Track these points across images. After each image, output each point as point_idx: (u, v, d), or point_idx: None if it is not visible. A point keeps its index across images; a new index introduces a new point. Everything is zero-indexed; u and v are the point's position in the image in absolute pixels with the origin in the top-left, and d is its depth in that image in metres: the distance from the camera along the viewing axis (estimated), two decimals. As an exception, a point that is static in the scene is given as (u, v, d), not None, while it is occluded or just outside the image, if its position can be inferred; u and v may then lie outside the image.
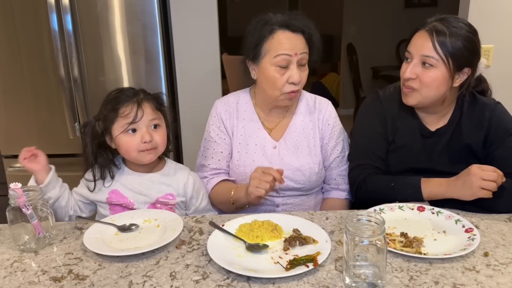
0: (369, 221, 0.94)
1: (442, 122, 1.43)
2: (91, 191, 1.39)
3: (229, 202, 1.46)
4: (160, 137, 1.35)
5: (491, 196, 1.21)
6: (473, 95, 1.44)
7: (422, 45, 1.32)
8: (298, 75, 1.41)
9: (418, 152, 1.42)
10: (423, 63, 1.32)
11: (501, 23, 2.41)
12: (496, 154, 1.37)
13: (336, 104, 5.76)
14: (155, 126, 1.34)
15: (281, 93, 1.44)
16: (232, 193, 1.45)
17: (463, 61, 1.32)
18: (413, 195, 1.33)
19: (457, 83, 1.36)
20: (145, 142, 1.31)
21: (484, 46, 2.38)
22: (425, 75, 1.32)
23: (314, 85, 6.14)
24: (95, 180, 1.38)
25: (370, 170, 1.44)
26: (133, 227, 1.24)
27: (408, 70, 1.33)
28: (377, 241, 0.92)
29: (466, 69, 1.34)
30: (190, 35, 2.43)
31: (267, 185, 1.30)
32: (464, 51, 1.30)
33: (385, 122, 1.46)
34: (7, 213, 1.16)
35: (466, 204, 1.28)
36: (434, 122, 1.43)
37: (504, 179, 1.22)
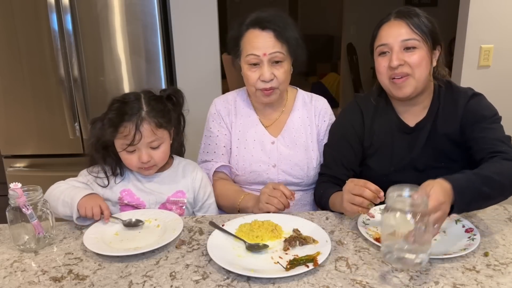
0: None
1: (421, 115, 1.41)
2: (105, 187, 1.37)
3: (235, 208, 1.46)
4: (159, 156, 1.33)
5: (363, 212, 1.17)
6: (449, 84, 1.43)
7: (399, 31, 1.31)
8: (268, 73, 1.42)
9: (400, 149, 1.40)
10: (406, 49, 1.31)
11: (501, 23, 2.41)
12: (475, 135, 1.33)
13: (336, 104, 5.81)
14: (155, 147, 1.32)
15: (256, 89, 1.47)
16: (240, 201, 1.45)
17: (435, 38, 1.34)
18: (327, 205, 1.37)
19: (434, 62, 1.37)
20: (143, 162, 1.31)
21: (484, 46, 2.43)
22: (411, 58, 1.31)
23: (314, 85, 6.15)
24: (108, 178, 1.37)
25: (325, 178, 1.48)
26: (139, 223, 1.25)
27: (394, 58, 1.31)
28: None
29: (438, 46, 1.37)
30: (190, 35, 2.43)
31: (275, 200, 1.30)
32: (433, 29, 1.33)
33: (362, 125, 1.45)
34: (7, 213, 1.16)
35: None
36: (413, 117, 1.42)
37: (382, 196, 1.13)
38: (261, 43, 1.42)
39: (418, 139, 1.40)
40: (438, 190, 1.04)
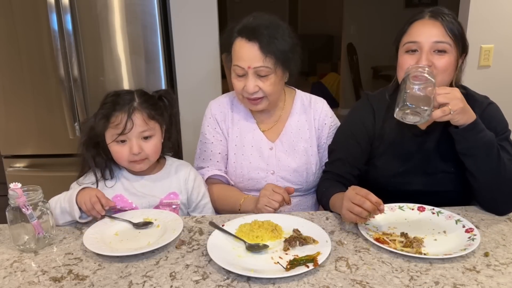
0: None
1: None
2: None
3: (236, 211, 1.45)
4: (151, 148, 1.32)
5: (360, 222, 1.17)
6: (464, 90, 1.40)
7: (432, 31, 1.27)
8: (252, 86, 1.38)
9: (410, 152, 1.39)
10: (435, 51, 1.27)
11: (501, 23, 2.41)
12: None
13: (336, 104, 5.81)
14: (147, 137, 1.32)
15: (242, 97, 1.45)
16: (241, 203, 1.44)
17: (464, 44, 1.31)
18: (327, 205, 1.37)
19: (457, 69, 1.34)
20: (134, 153, 1.30)
21: (484, 46, 2.43)
22: (440, 61, 1.27)
23: (314, 85, 6.15)
24: (97, 181, 1.36)
25: (329, 175, 1.46)
26: (148, 223, 1.25)
27: (424, 58, 1.26)
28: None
29: (464, 54, 1.33)
30: (190, 35, 2.43)
31: (276, 205, 1.32)
32: (464, 35, 1.31)
33: (373, 124, 1.43)
34: (7, 213, 1.16)
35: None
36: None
37: (382, 208, 1.14)
38: (246, 55, 1.37)
39: (428, 143, 1.38)
40: (458, 90, 1.20)
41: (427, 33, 1.28)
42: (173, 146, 1.46)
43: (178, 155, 1.52)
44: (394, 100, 1.42)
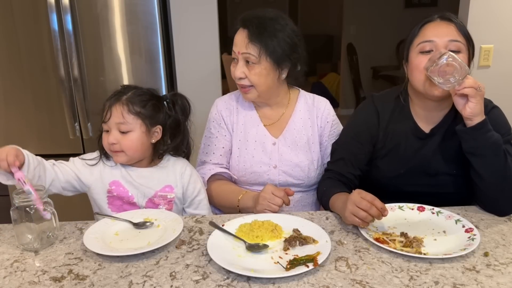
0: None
1: (436, 121, 1.40)
2: (93, 165, 1.40)
3: (234, 208, 1.47)
4: (126, 143, 1.33)
5: (363, 226, 1.17)
6: None
7: (446, 31, 1.30)
8: (238, 71, 1.44)
9: (413, 154, 1.39)
10: (450, 51, 1.27)
11: (501, 23, 2.41)
12: None
13: (336, 104, 5.81)
14: (124, 132, 1.33)
15: (236, 83, 1.50)
16: (239, 200, 1.46)
17: (473, 46, 1.34)
18: (327, 204, 1.37)
19: None
20: (109, 143, 1.33)
21: (484, 46, 2.44)
22: None
23: (314, 85, 6.15)
24: (100, 158, 1.41)
25: (330, 174, 1.47)
26: (147, 223, 1.26)
27: None
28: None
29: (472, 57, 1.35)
30: (190, 35, 2.43)
31: (277, 208, 1.33)
32: (471, 38, 1.33)
33: (377, 126, 1.44)
34: (11, 212, 1.16)
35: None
36: (429, 122, 1.40)
37: (386, 214, 1.16)
38: (237, 40, 1.44)
39: (431, 144, 1.39)
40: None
41: (441, 32, 1.30)
42: (177, 149, 1.45)
43: (189, 160, 1.52)
44: (405, 99, 1.43)
